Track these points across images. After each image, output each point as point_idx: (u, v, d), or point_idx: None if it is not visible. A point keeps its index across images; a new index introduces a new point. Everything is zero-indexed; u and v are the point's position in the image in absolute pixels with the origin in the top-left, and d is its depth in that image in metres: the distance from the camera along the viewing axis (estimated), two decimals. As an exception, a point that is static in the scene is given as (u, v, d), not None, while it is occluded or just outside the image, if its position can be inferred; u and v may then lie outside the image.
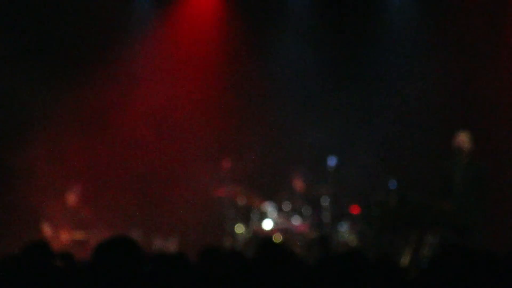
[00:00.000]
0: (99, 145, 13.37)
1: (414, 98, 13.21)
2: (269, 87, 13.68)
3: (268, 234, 12.08)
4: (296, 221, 12.20)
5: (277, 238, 11.99)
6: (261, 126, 13.60)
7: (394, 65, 13.42)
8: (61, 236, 12.05)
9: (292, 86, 13.68)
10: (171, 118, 13.61)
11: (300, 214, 12.24)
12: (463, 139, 10.49)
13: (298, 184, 12.54)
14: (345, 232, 12.08)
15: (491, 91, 12.87)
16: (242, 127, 13.63)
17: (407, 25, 13.58)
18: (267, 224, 12.23)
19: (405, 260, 10.70)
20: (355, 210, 12.29)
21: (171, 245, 12.59)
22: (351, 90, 13.41)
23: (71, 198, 12.32)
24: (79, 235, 12.03)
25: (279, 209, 12.29)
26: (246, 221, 12.43)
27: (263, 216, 12.29)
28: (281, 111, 13.64)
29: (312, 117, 13.56)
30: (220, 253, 5.87)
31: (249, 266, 5.34)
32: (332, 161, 12.27)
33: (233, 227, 12.42)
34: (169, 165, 13.47)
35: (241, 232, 12.34)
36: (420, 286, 3.74)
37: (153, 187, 13.31)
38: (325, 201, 12.22)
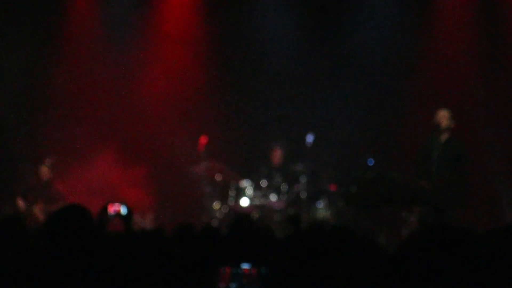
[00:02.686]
0: (74, 120, 13.30)
1: (393, 76, 13.19)
2: (248, 65, 13.60)
3: (245, 211, 12.06)
4: (273, 198, 12.17)
5: (254, 215, 11.97)
6: (239, 104, 13.55)
7: (375, 42, 13.37)
8: (34, 209, 12.01)
9: (271, 64, 13.59)
10: (149, 95, 13.52)
11: (278, 191, 12.21)
12: (442, 116, 10.46)
13: (277, 157, 12.52)
14: (322, 209, 12.07)
15: (469, 69, 12.89)
16: (220, 104, 13.57)
17: (388, 5, 13.52)
18: (244, 201, 12.20)
19: (382, 237, 10.70)
20: (332, 187, 12.27)
21: (147, 221, 12.55)
22: (331, 68, 13.36)
23: (44, 172, 12.24)
24: (51, 207, 11.99)
25: (257, 186, 12.26)
26: (223, 197, 12.39)
27: (241, 192, 12.26)
28: (259, 89, 13.58)
29: (290, 95, 13.51)
30: (195, 229, 5.84)
31: (223, 242, 5.31)
32: (310, 138, 12.23)
33: (211, 204, 12.38)
34: (147, 140, 13.40)
35: (218, 208, 12.30)
36: (397, 263, 3.71)
37: (130, 163, 13.22)
38: (303, 178, 12.19)
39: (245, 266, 3.72)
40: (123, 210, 5.66)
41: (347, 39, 13.45)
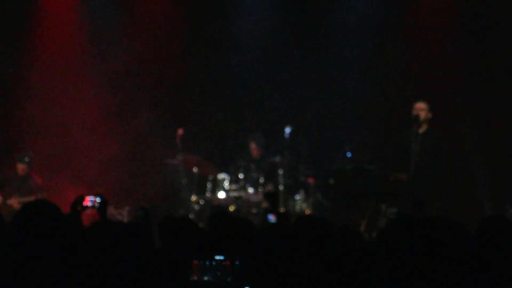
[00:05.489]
0: (51, 114, 13.22)
1: (371, 68, 13.18)
2: (224, 58, 13.53)
3: (222, 203, 12.02)
4: (250, 190, 12.13)
5: (232, 207, 11.94)
6: (217, 95, 13.50)
7: (351, 35, 13.33)
8: (11, 201, 12.03)
9: (248, 56, 13.53)
10: (124, 87, 13.45)
11: (255, 183, 12.16)
12: (420, 108, 10.45)
13: (254, 150, 12.48)
14: (300, 201, 12.03)
15: (448, 62, 12.90)
16: (197, 96, 13.52)
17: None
18: (221, 193, 12.15)
19: (360, 230, 10.66)
20: (310, 179, 12.23)
21: (124, 214, 12.51)
22: (308, 60, 13.33)
23: (21, 168, 12.27)
24: (29, 199, 12.00)
25: (234, 178, 12.21)
26: (200, 190, 12.34)
27: (218, 185, 12.21)
28: (237, 81, 13.53)
29: (268, 88, 13.47)
30: (175, 222, 5.79)
31: (202, 235, 5.26)
32: (288, 131, 12.19)
33: (188, 196, 12.32)
34: (123, 133, 13.31)
35: (195, 200, 12.25)
36: (374, 254, 3.67)
37: (106, 155, 13.15)
38: (281, 170, 12.14)
39: (219, 258, 3.65)
40: (98, 200, 5.63)
41: (325, 32, 13.41)
